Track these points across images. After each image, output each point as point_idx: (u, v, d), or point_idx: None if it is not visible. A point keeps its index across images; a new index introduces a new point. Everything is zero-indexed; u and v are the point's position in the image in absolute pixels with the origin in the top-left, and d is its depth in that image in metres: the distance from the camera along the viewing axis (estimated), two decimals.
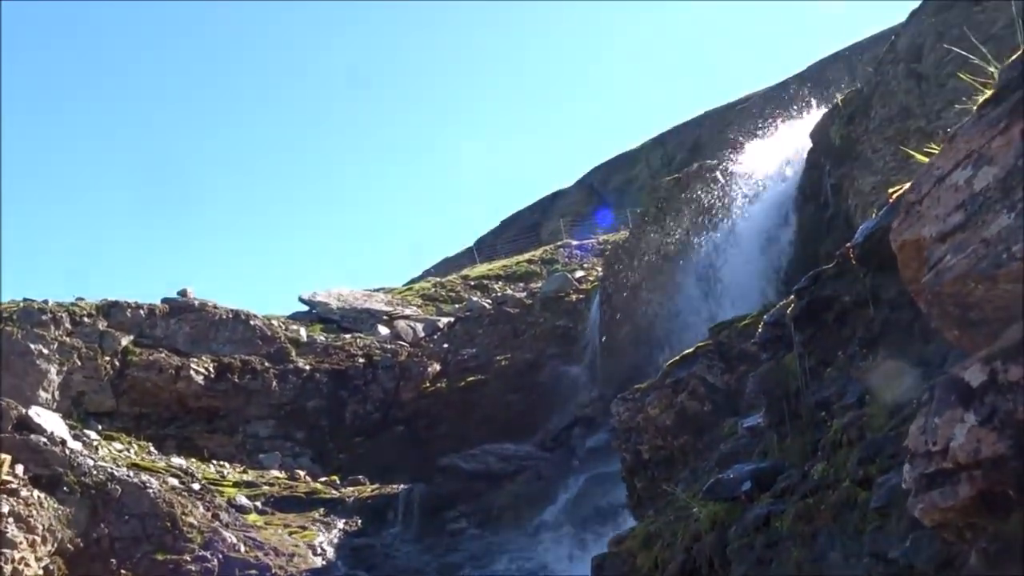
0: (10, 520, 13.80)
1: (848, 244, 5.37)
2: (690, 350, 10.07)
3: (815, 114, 16.43)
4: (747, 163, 18.51)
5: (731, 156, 19.51)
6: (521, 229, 41.72)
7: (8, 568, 13.16)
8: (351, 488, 20.12)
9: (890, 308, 5.13)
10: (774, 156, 17.19)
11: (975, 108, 2.36)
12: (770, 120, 19.51)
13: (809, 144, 14.90)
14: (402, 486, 19.82)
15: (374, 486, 20.27)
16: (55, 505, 14.90)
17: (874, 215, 5.15)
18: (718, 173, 19.05)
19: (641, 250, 21.04)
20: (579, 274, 28.76)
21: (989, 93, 2.42)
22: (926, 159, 4.80)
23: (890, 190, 5.11)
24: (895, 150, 11.11)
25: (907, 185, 4.87)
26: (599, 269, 27.57)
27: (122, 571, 14.86)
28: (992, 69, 2.64)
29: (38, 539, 14.11)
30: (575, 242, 33.48)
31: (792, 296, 6.06)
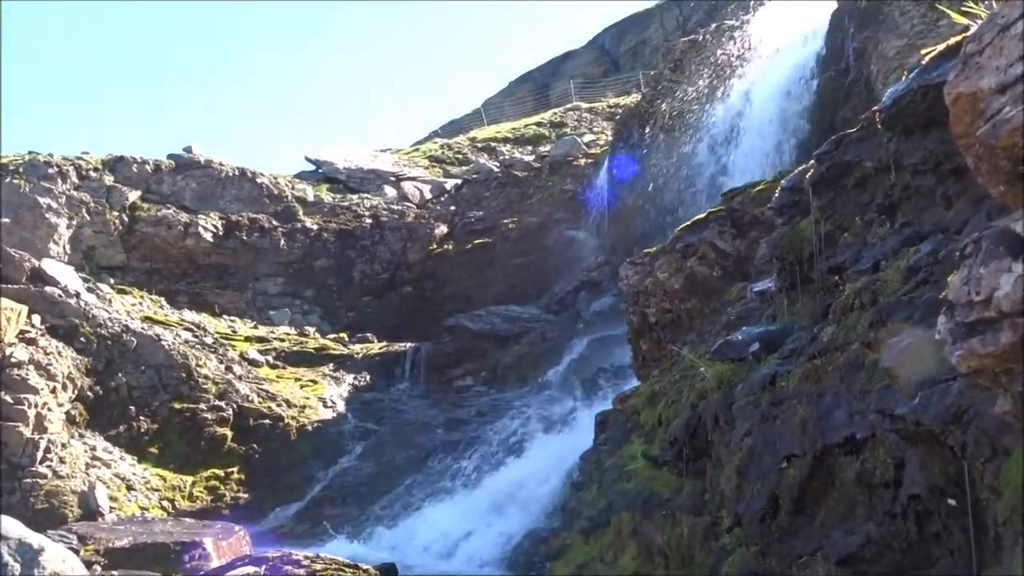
0: (31, 367, 14.21)
1: (875, 108, 5.26)
2: (701, 215, 10.05)
3: None
4: (766, 25, 17.87)
5: (750, 17, 18.82)
6: (530, 91, 40.76)
7: (32, 412, 13.65)
8: (359, 345, 20.56)
9: (912, 174, 5.07)
10: (795, 18, 16.58)
11: None
12: None
13: (833, 6, 14.35)
14: (409, 344, 20.25)
15: (382, 344, 20.71)
16: (73, 354, 15.30)
17: (904, 77, 5.01)
18: (736, 35, 18.43)
19: (653, 114, 20.63)
20: (588, 138, 28.34)
21: None
22: (962, 18, 4.63)
23: (922, 51, 4.96)
24: (924, 12, 10.72)
25: (942, 46, 4.73)
26: (608, 134, 27.14)
27: (141, 418, 15.42)
28: None
29: (59, 386, 14.57)
30: (585, 105, 32.80)
31: (812, 161, 5.99)
